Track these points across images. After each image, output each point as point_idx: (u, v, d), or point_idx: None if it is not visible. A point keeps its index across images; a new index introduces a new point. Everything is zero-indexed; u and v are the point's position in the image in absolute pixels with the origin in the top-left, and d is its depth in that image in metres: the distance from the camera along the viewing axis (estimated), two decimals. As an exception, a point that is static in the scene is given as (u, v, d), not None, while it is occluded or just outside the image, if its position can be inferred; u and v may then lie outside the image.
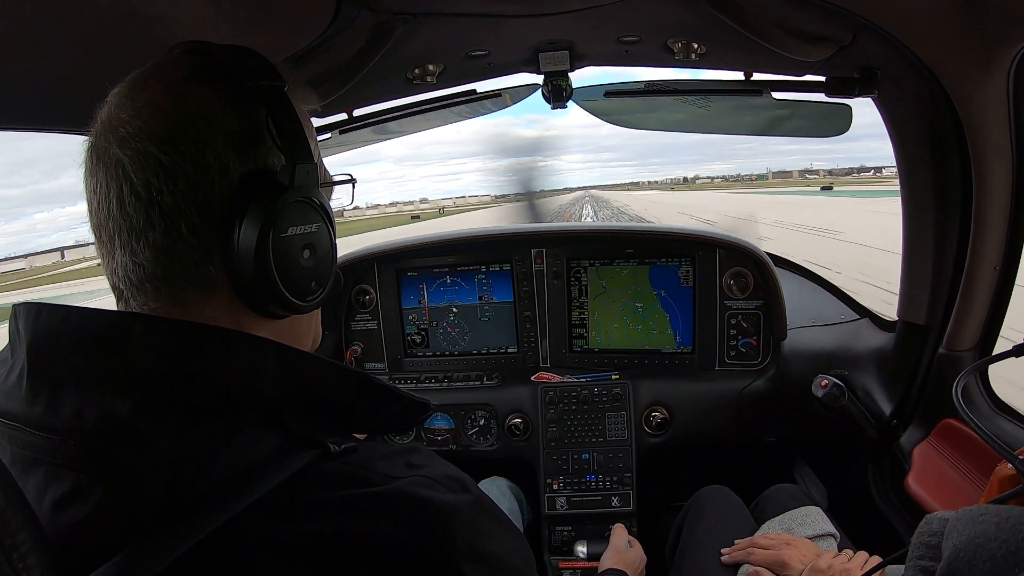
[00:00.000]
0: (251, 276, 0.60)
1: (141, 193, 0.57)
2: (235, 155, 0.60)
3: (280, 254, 0.60)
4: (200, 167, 0.58)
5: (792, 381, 1.83)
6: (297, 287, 0.63)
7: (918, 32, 1.11)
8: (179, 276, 0.59)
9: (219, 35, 0.76)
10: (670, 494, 2.10)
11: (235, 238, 0.59)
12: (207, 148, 0.58)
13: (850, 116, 1.50)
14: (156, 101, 0.59)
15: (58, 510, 0.55)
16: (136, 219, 0.57)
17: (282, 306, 0.63)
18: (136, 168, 0.57)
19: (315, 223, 0.64)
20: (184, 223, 0.58)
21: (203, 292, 0.61)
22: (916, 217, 1.48)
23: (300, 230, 0.63)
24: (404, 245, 2.07)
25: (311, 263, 0.64)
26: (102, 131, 0.59)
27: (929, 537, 0.71)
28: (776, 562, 1.33)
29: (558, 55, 1.41)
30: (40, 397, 0.56)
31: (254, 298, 0.62)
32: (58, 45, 0.85)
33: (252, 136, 0.61)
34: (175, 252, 0.58)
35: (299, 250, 0.63)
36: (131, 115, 0.58)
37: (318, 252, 0.65)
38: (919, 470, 1.55)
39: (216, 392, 0.56)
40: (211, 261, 0.60)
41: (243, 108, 0.61)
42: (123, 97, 0.60)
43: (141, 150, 0.57)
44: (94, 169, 0.59)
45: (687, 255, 1.94)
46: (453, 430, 2.01)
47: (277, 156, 0.62)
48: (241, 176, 0.60)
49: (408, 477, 0.60)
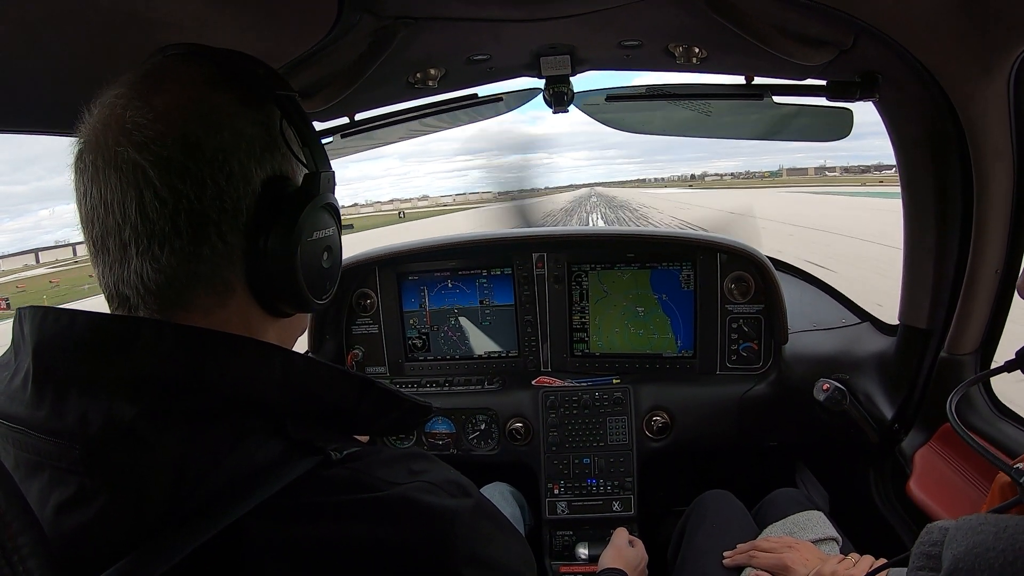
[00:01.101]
0: (276, 279, 0.62)
1: (167, 200, 0.57)
2: (255, 162, 0.61)
3: (305, 257, 0.63)
4: (226, 173, 0.59)
5: (793, 385, 1.83)
6: (316, 288, 0.66)
7: (919, 36, 1.11)
8: (201, 281, 0.60)
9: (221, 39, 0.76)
10: (672, 499, 2.10)
11: (263, 243, 0.60)
12: (231, 155, 0.59)
13: (851, 120, 1.51)
14: (177, 105, 0.59)
15: (62, 514, 0.55)
16: (161, 225, 0.57)
17: (299, 306, 0.66)
18: (160, 173, 0.56)
19: (332, 227, 0.68)
20: (213, 229, 0.58)
21: (220, 296, 0.61)
22: (917, 221, 1.48)
23: (322, 234, 0.66)
24: (405, 249, 2.07)
25: (328, 264, 0.68)
26: (109, 133, 0.58)
27: (929, 547, 0.71)
28: (779, 566, 1.32)
29: (559, 59, 1.41)
30: (45, 401, 0.56)
31: (273, 300, 0.64)
32: (60, 48, 0.85)
33: (269, 143, 0.63)
34: (201, 257, 0.59)
35: (320, 253, 0.66)
36: (150, 119, 0.57)
37: (333, 254, 0.69)
38: (921, 474, 1.54)
39: (221, 398, 0.56)
40: (233, 265, 0.61)
41: (259, 116, 0.63)
42: (132, 99, 0.58)
43: (164, 156, 0.57)
44: (102, 173, 0.57)
45: (688, 259, 1.94)
46: (454, 434, 2.01)
47: (290, 162, 0.64)
48: (263, 182, 0.61)
49: (410, 483, 0.60)
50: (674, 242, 1.99)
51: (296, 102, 0.65)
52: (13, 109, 1.02)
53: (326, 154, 0.67)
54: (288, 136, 0.64)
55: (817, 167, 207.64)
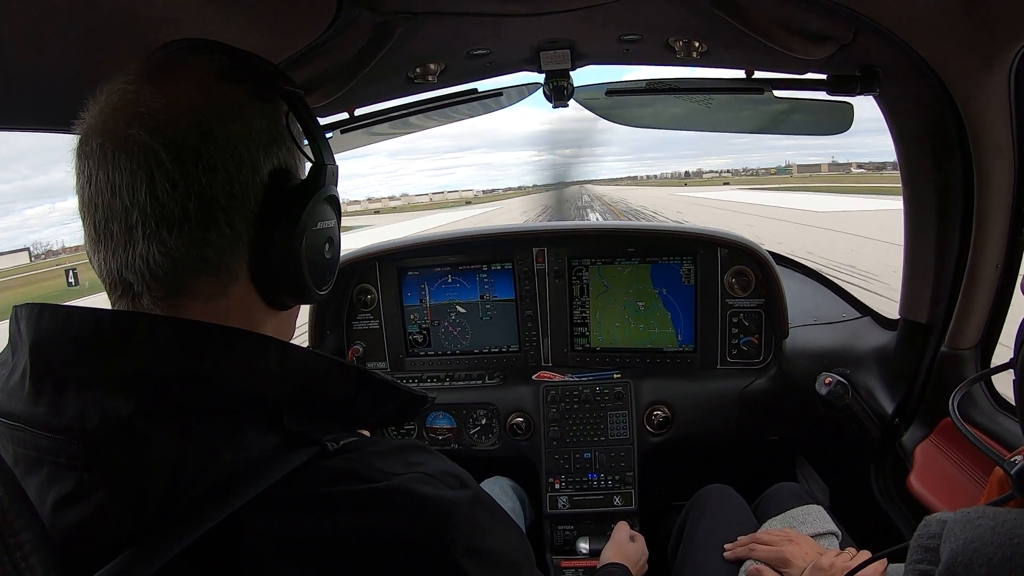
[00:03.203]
0: (280, 268, 0.63)
1: (178, 183, 0.57)
2: (263, 153, 0.62)
3: (309, 248, 0.64)
4: (237, 161, 0.60)
5: (794, 380, 1.83)
6: (319, 278, 0.67)
7: (919, 30, 1.10)
8: (206, 267, 0.60)
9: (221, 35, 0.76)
10: (672, 493, 2.10)
11: (271, 231, 0.62)
12: (242, 144, 0.60)
13: (852, 114, 1.50)
14: (189, 94, 0.59)
15: (60, 510, 0.55)
16: (171, 208, 0.57)
17: (300, 297, 0.68)
18: (172, 157, 0.57)
19: (333, 219, 0.69)
20: (222, 215, 0.59)
21: (224, 283, 0.62)
22: (918, 215, 1.48)
23: (325, 225, 0.67)
24: (406, 244, 2.08)
25: (330, 255, 0.69)
26: (119, 117, 0.58)
27: (927, 540, 0.71)
28: (778, 558, 1.33)
29: (559, 54, 1.41)
30: (43, 397, 0.56)
31: (275, 289, 0.65)
32: (60, 45, 0.85)
33: (276, 136, 0.64)
34: (208, 242, 0.59)
35: (323, 243, 0.67)
36: (164, 104, 0.58)
37: (335, 245, 0.70)
38: (921, 469, 1.54)
39: (218, 393, 0.57)
40: (238, 253, 0.61)
41: (267, 109, 0.64)
42: (144, 85, 0.59)
43: (178, 140, 0.57)
44: (111, 156, 0.57)
45: (689, 254, 1.93)
46: (455, 429, 2.01)
47: (295, 156, 0.66)
48: (270, 173, 0.63)
49: (407, 473, 0.60)
50: (674, 236, 1.99)
51: (302, 98, 0.66)
52: (13, 107, 1.02)
53: (330, 148, 0.69)
54: (294, 131, 0.66)
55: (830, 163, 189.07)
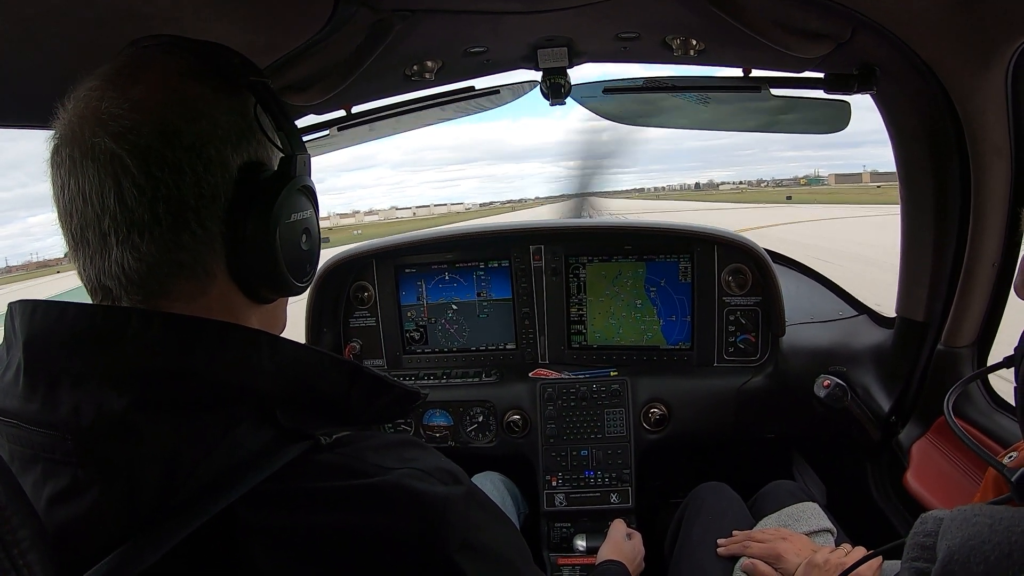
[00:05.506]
0: (257, 262, 0.62)
1: (145, 188, 0.57)
2: (232, 148, 0.61)
3: (284, 240, 0.63)
4: (204, 160, 0.59)
5: (791, 378, 1.83)
6: (297, 270, 0.67)
7: (916, 29, 1.11)
8: (182, 269, 0.60)
9: (218, 32, 0.76)
10: (669, 490, 2.11)
11: (243, 227, 0.61)
12: (208, 143, 0.60)
13: (849, 112, 1.50)
14: (152, 96, 0.59)
15: (56, 506, 0.55)
16: (140, 213, 0.57)
17: (280, 290, 0.67)
18: (138, 163, 0.57)
19: (309, 209, 0.68)
20: (192, 216, 0.59)
21: (202, 283, 0.61)
22: (915, 214, 1.48)
23: (300, 216, 0.66)
24: (403, 242, 2.07)
25: (308, 246, 0.68)
26: (85, 125, 0.58)
27: (924, 538, 0.71)
28: (771, 555, 1.33)
29: (557, 52, 1.40)
30: (37, 393, 0.56)
31: (254, 284, 0.64)
32: (55, 43, 0.85)
33: (244, 129, 0.63)
34: (181, 245, 0.59)
35: (299, 235, 0.66)
36: (126, 109, 0.57)
37: (312, 236, 0.69)
38: (918, 467, 1.55)
39: (211, 387, 0.57)
40: (213, 252, 0.61)
41: (234, 103, 0.63)
42: (107, 91, 0.58)
43: (142, 145, 0.57)
44: (79, 165, 0.57)
45: (685, 251, 1.94)
46: (452, 427, 2.01)
47: (266, 148, 0.65)
48: (239, 168, 0.62)
49: (401, 469, 0.60)
50: (671, 234, 1.99)
51: (269, 88, 0.65)
52: (9, 105, 1.02)
53: (301, 137, 0.67)
54: (263, 122, 0.65)
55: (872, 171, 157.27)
